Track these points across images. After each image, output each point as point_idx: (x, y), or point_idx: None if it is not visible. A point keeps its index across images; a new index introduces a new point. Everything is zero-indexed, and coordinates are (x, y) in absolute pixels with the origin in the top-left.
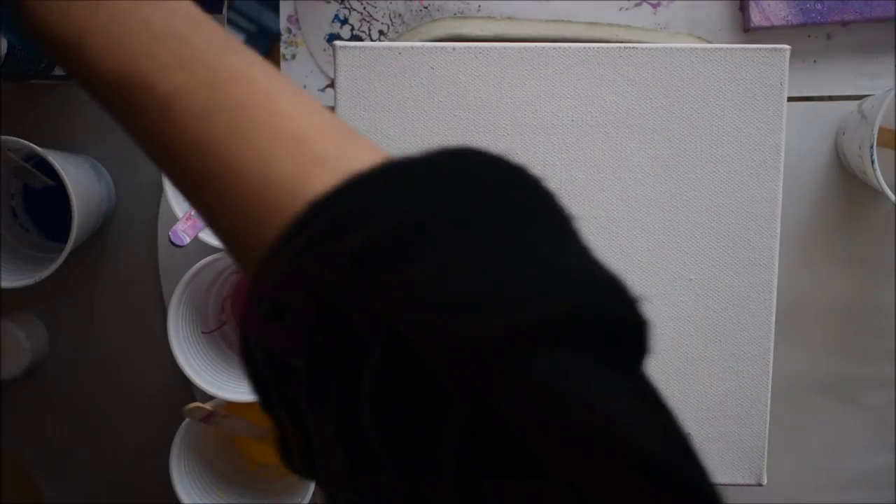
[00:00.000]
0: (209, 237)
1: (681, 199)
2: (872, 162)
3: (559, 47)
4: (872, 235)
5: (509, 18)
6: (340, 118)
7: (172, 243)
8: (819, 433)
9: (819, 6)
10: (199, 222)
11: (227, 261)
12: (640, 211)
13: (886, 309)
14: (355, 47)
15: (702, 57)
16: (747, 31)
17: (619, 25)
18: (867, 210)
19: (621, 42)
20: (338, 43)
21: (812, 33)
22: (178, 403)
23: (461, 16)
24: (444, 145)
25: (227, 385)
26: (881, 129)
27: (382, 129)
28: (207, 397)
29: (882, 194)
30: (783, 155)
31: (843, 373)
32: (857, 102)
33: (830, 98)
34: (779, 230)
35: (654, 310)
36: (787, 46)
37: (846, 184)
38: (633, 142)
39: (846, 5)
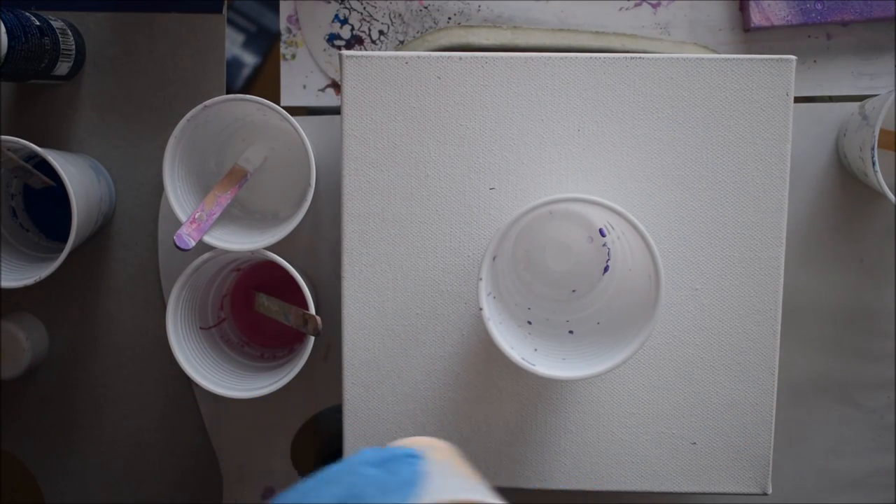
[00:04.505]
0: (212, 239)
1: (686, 209)
2: (873, 164)
3: (565, 57)
4: (873, 237)
5: (515, 28)
6: None
7: (178, 247)
8: (819, 434)
9: (819, 6)
10: (204, 225)
11: (227, 257)
12: (645, 221)
13: (886, 310)
14: (362, 57)
15: (708, 67)
16: (747, 30)
17: (625, 35)
18: (868, 211)
19: (628, 52)
20: (344, 52)
21: (812, 33)
22: (178, 403)
23: (467, 25)
24: None
25: (224, 381)
26: (882, 131)
27: (389, 139)
28: (206, 396)
29: (883, 196)
30: (789, 165)
31: (843, 374)
32: (858, 104)
33: (830, 98)
34: (784, 240)
35: (660, 319)
36: (792, 57)
37: (847, 185)
38: (638, 151)
39: (846, 5)
